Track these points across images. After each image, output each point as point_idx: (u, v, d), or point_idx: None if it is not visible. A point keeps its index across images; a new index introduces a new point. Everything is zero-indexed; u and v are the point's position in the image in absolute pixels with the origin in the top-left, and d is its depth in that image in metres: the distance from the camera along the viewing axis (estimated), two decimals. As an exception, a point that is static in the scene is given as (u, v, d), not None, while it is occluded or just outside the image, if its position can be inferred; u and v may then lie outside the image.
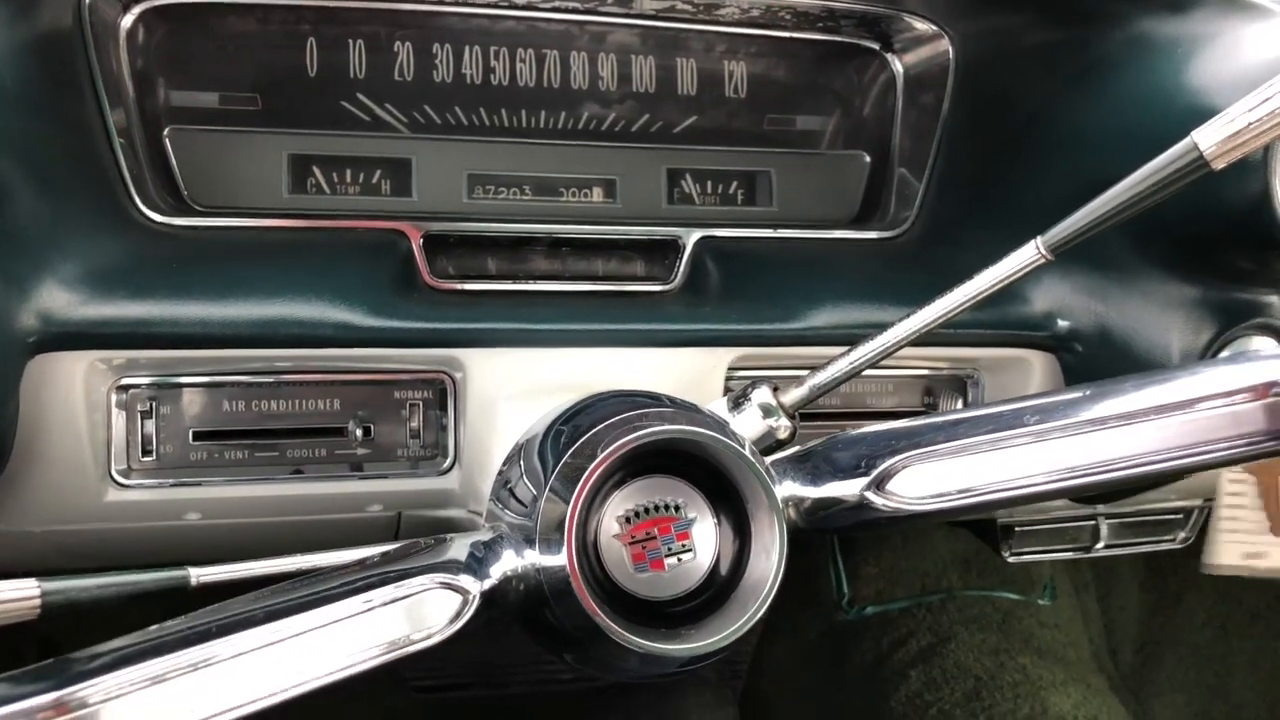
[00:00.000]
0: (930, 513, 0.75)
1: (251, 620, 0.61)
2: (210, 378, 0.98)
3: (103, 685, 0.57)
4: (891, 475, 0.74)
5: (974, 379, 1.16)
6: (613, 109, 1.18)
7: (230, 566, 0.73)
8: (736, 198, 1.19)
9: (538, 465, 0.79)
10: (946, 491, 0.74)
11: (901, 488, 0.74)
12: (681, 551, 0.75)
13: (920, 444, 0.75)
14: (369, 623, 0.65)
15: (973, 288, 0.84)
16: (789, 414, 0.88)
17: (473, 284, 1.02)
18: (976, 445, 0.74)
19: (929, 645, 1.64)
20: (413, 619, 0.67)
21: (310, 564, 0.75)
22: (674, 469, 0.77)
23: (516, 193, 1.12)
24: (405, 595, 0.67)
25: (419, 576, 0.68)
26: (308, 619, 0.63)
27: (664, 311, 1.03)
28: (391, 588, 0.66)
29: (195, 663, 0.59)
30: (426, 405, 1.03)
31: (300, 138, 1.08)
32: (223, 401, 0.99)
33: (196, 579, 0.72)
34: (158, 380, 0.97)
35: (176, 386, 0.98)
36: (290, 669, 0.61)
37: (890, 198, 1.20)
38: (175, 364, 0.96)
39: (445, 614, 0.68)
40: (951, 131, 1.17)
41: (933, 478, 0.74)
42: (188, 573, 0.72)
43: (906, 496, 0.74)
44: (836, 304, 1.06)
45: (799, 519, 0.78)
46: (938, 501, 0.74)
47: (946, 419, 0.78)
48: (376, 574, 0.68)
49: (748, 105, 1.22)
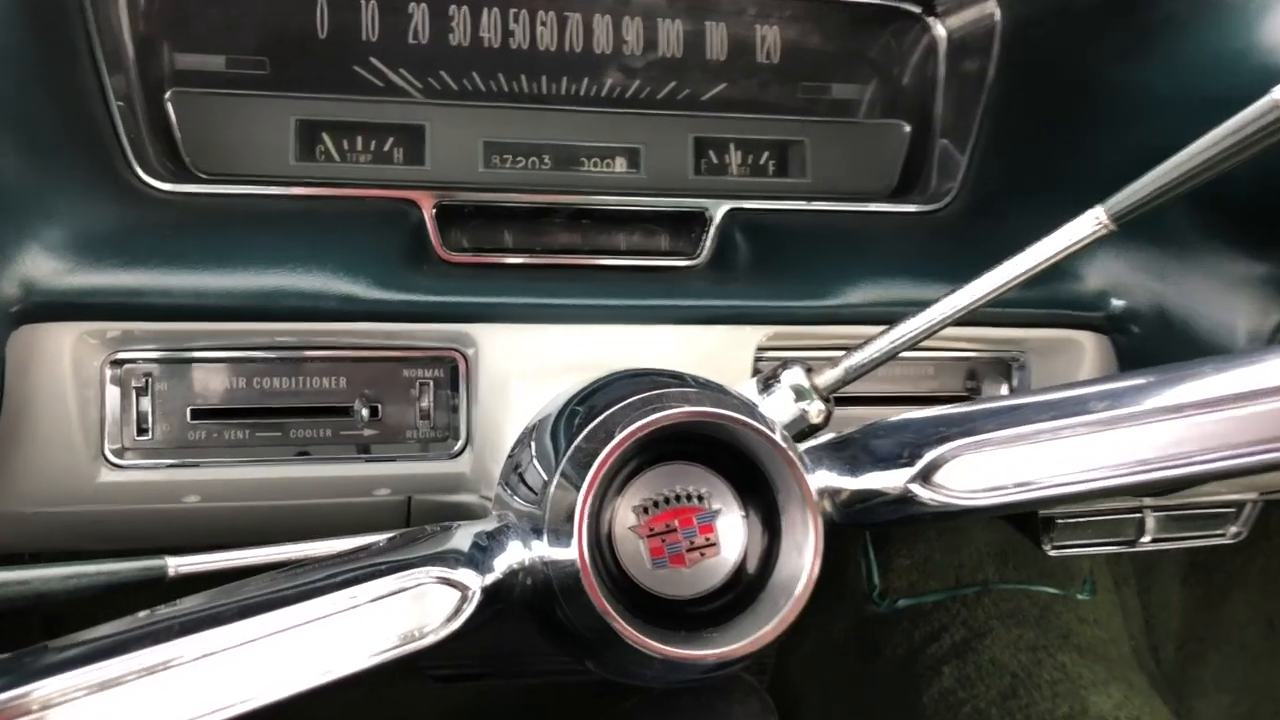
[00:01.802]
0: (984, 508, 0.66)
1: (218, 618, 0.54)
2: (209, 353, 0.92)
3: (48, 689, 0.50)
4: (940, 466, 0.66)
5: (1020, 362, 1.07)
6: (638, 75, 1.11)
7: (211, 556, 0.65)
8: (768, 168, 1.12)
9: (549, 448, 0.72)
10: (1002, 485, 0.66)
11: (951, 480, 0.66)
12: (705, 546, 0.67)
13: (972, 431, 0.67)
14: (353, 622, 0.58)
15: (1025, 261, 0.76)
16: (823, 397, 0.81)
17: (487, 257, 0.95)
18: (1037, 433, 0.65)
19: (963, 640, 1.56)
20: (404, 617, 0.59)
21: (300, 554, 0.67)
22: (697, 455, 0.69)
23: (535, 162, 1.06)
24: (395, 591, 0.59)
25: (412, 570, 0.60)
26: (282, 617, 0.55)
27: (689, 287, 0.96)
28: (381, 582, 0.59)
29: (149, 666, 0.51)
30: (437, 384, 0.96)
31: (309, 102, 1.02)
32: (222, 378, 0.93)
33: (175, 569, 0.64)
34: (153, 355, 0.90)
35: (173, 362, 0.92)
36: (256, 676, 0.54)
37: (931, 169, 1.12)
38: (172, 337, 0.90)
39: (441, 612, 0.60)
40: (997, 99, 1.09)
41: (987, 469, 0.66)
42: (165, 563, 0.64)
43: (957, 490, 0.66)
44: (873, 280, 0.98)
45: (834, 512, 0.70)
46: (992, 496, 0.66)
47: (1001, 404, 0.69)
48: (365, 567, 0.60)
49: (780, 72, 1.14)
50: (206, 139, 0.99)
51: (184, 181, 0.93)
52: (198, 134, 0.98)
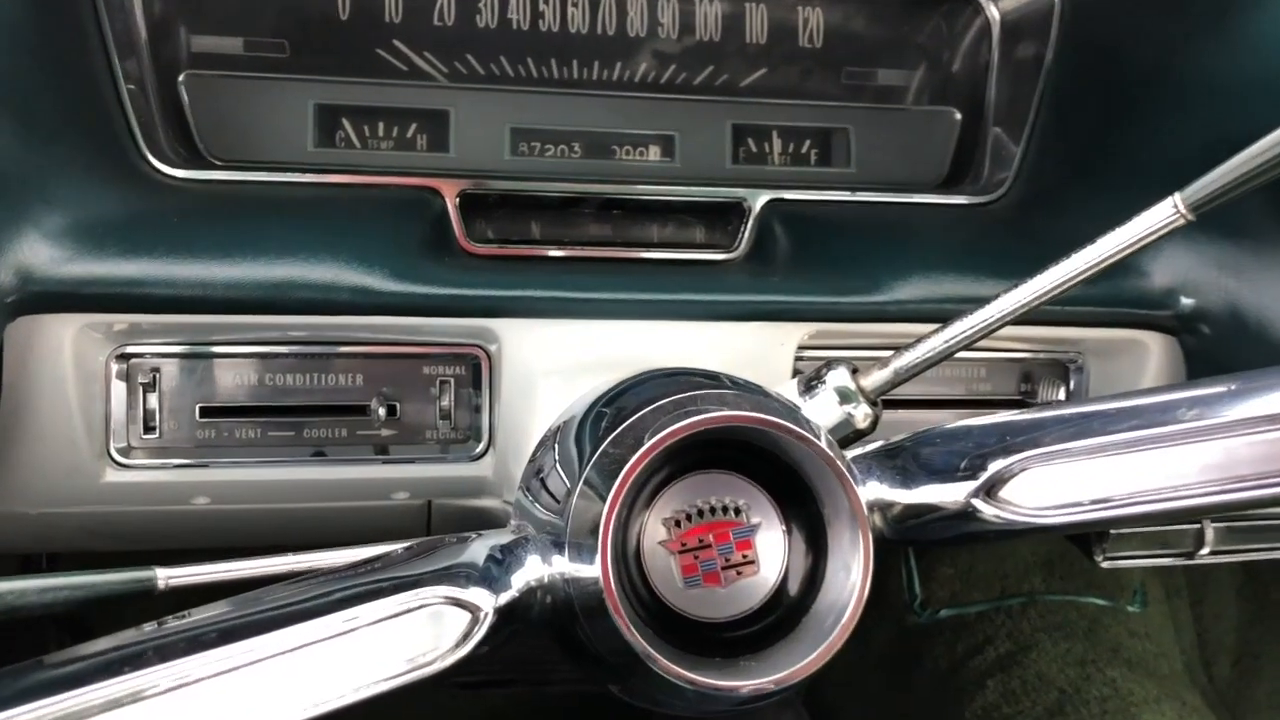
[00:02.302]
0: (1054, 527, 0.59)
1: (198, 642, 0.48)
2: (219, 347, 0.88)
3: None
4: (1005, 479, 0.59)
5: (1078, 363, 1.01)
6: (673, 59, 1.05)
7: (205, 567, 0.60)
8: (809, 157, 1.06)
9: (573, 453, 0.66)
10: (1077, 502, 0.59)
11: (1019, 495, 0.59)
12: (742, 564, 0.61)
13: (1041, 441, 0.60)
14: (353, 646, 0.52)
15: (1093, 254, 0.70)
16: (870, 400, 0.75)
17: (513, 249, 0.90)
18: (1116, 445, 0.58)
19: (1008, 653, 1.49)
20: (410, 641, 0.53)
21: (302, 564, 0.62)
22: (734, 464, 0.62)
23: (564, 150, 1.01)
24: (400, 612, 0.53)
25: (419, 589, 0.54)
26: (271, 642, 0.49)
27: (726, 281, 0.91)
28: (384, 603, 0.53)
29: (116, 699, 0.45)
30: (458, 382, 0.91)
31: (329, 86, 0.97)
32: (233, 374, 0.88)
33: (165, 581, 0.59)
34: (161, 349, 0.85)
35: (182, 357, 0.87)
36: (238, 708, 0.47)
37: (984, 159, 1.06)
38: (181, 331, 0.85)
39: (451, 634, 0.54)
40: (1056, 85, 1.02)
41: (1059, 484, 0.59)
42: (154, 574, 0.59)
43: (1025, 506, 0.59)
44: (922, 276, 0.92)
45: (885, 527, 0.63)
46: (1065, 514, 0.59)
47: (1073, 411, 0.62)
48: (367, 585, 0.54)
49: (823, 57, 1.08)
50: (221, 124, 0.94)
51: (196, 167, 0.89)
52: (212, 118, 0.94)
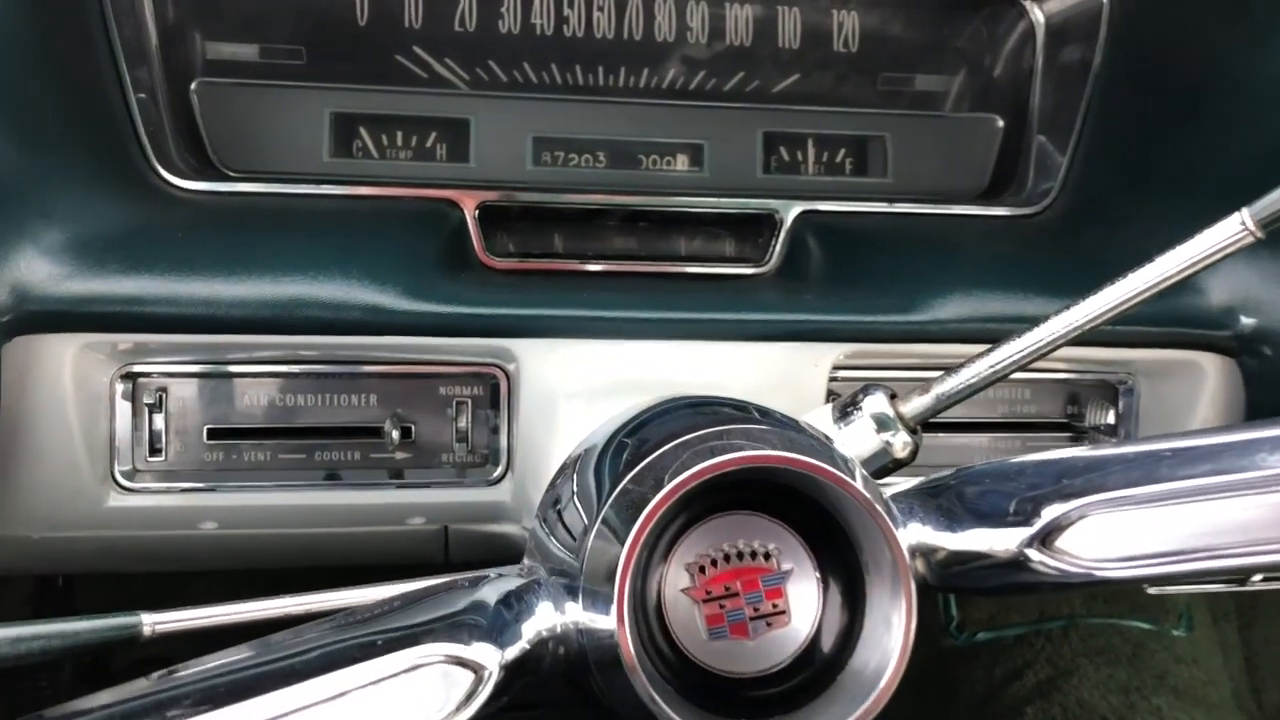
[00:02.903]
0: (1119, 580, 0.53)
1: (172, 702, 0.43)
2: (227, 367, 0.84)
3: None
4: (1064, 527, 0.53)
5: (1128, 385, 0.94)
6: (703, 65, 1.01)
7: (192, 613, 0.55)
8: (844, 167, 1.01)
9: (591, 486, 0.60)
10: (1146, 554, 0.52)
11: (1077, 545, 0.53)
12: (772, 614, 0.56)
13: (1105, 485, 0.54)
14: (344, 714, 0.46)
15: (1154, 273, 0.65)
16: (909, 427, 0.70)
17: (534, 263, 0.86)
18: (1189, 492, 0.52)
19: (1048, 679, 1.42)
20: (407, 707, 0.48)
21: (294, 608, 0.57)
22: (764, 504, 0.57)
23: (589, 159, 0.97)
24: (396, 673, 0.48)
25: (417, 647, 0.49)
26: (254, 709, 0.44)
27: (757, 298, 0.86)
28: (379, 663, 0.48)
29: None
30: (476, 403, 0.86)
31: (345, 94, 0.94)
32: (241, 394, 0.85)
33: (151, 628, 0.54)
34: (168, 369, 0.81)
35: (188, 376, 0.83)
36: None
37: (1027, 168, 1.01)
38: (187, 350, 0.81)
39: (453, 696, 0.49)
40: (1104, 90, 0.97)
41: (1125, 534, 0.53)
42: (140, 621, 0.54)
43: (1084, 558, 0.53)
44: (964, 292, 0.87)
45: (928, 573, 0.58)
46: (1131, 567, 0.53)
47: (1139, 450, 0.56)
48: (361, 641, 0.49)
49: (859, 62, 1.03)
50: (233, 134, 0.91)
51: (207, 179, 0.85)
52: (224, 128, 0.90)
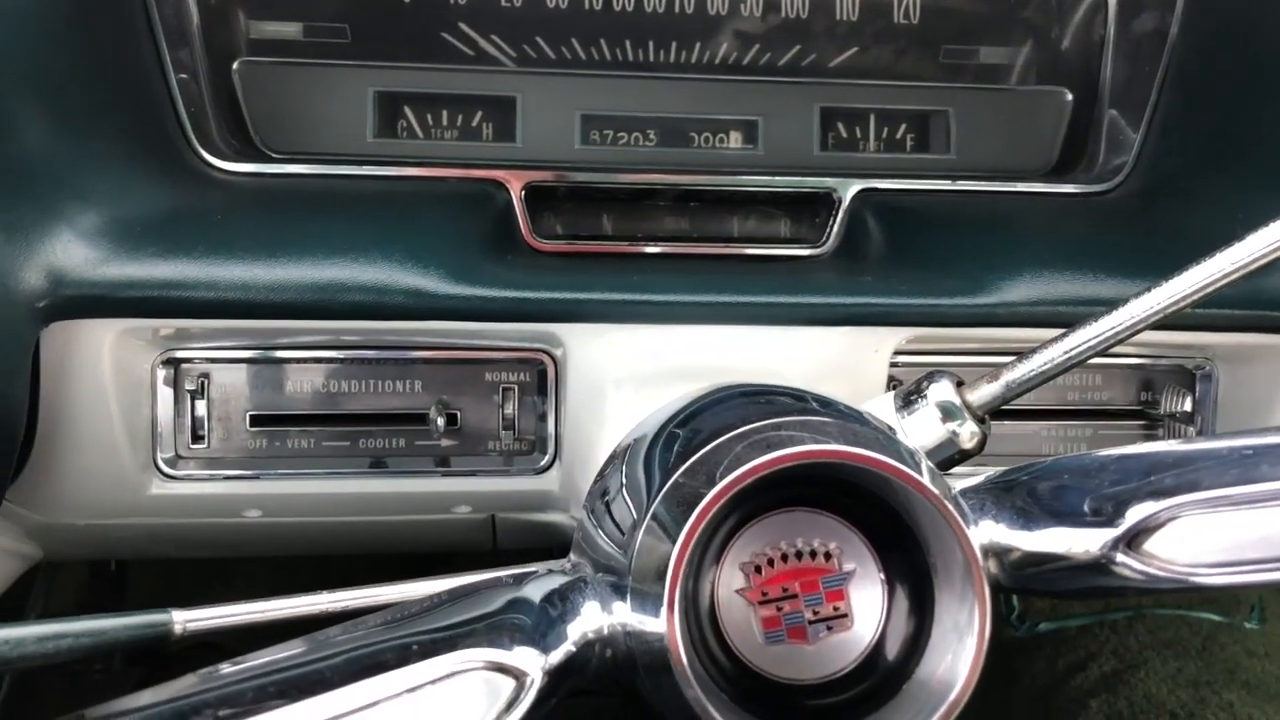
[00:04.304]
0: (1215, 587, 0.48)
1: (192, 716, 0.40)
2: (269, 351, 0.81)
3: None
4: (1153, 529, 0.48)
5: (1206, 370, 0.89)
6: (757, 39, 0.96)
7: (223, 610, 0.52)
8: (905, 143, 0.96)
9: (641, 479, 0.57)
10: (1249, 560, 0.47)
11: (1169, 548, 0.48)
12: (833, 617, 0.52)
13: (1200, 484, 0.49)
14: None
15: (1241, 254, 0.60)
16: (977, 417, 0.65)
17: (582, 245, 0.83)
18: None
19: (1113, 671, 1.36)
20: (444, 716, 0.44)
21: (329, 605, 0.54)
22: (823, 500, 0.53)
23: (639, 138, 0.92)
24: (433, 680, 0.44)
25: (455, 653, 0.45)
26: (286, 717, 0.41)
27: (814, 281, 0.82)
28: (414, 670, 0.44)
29: None
30: (522, 389, 0.83)
31: (390, 72, 0.90)
32: (284, 380, 0.82)
33: (182, 626, 0.51)
34: (211, 354, 0.78)
35: (231, 361, 0.81)
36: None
37: (1098, 143, 0.95)
38: (229, 334, 0.79)
39: (493, 707, 0.46)
40: (1181, 61, 0.91)
41: (1224, 537, 0.48)
42: (170, 618, 0.51)
43: (1177, 563, 0.48)
44: (1032, 274, 0.82)
45: (1000, 574, 0.53)
46: (1230, 573, 0.48)
47: (1235, 444, 0.51)
48: (395, 642, 0.46)
49: (920, 34, 0.98)
50: (276, 114, 0.88)
51: (249, 160, 0.82)
52: (266, 108, 0.87)
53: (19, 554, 0.88)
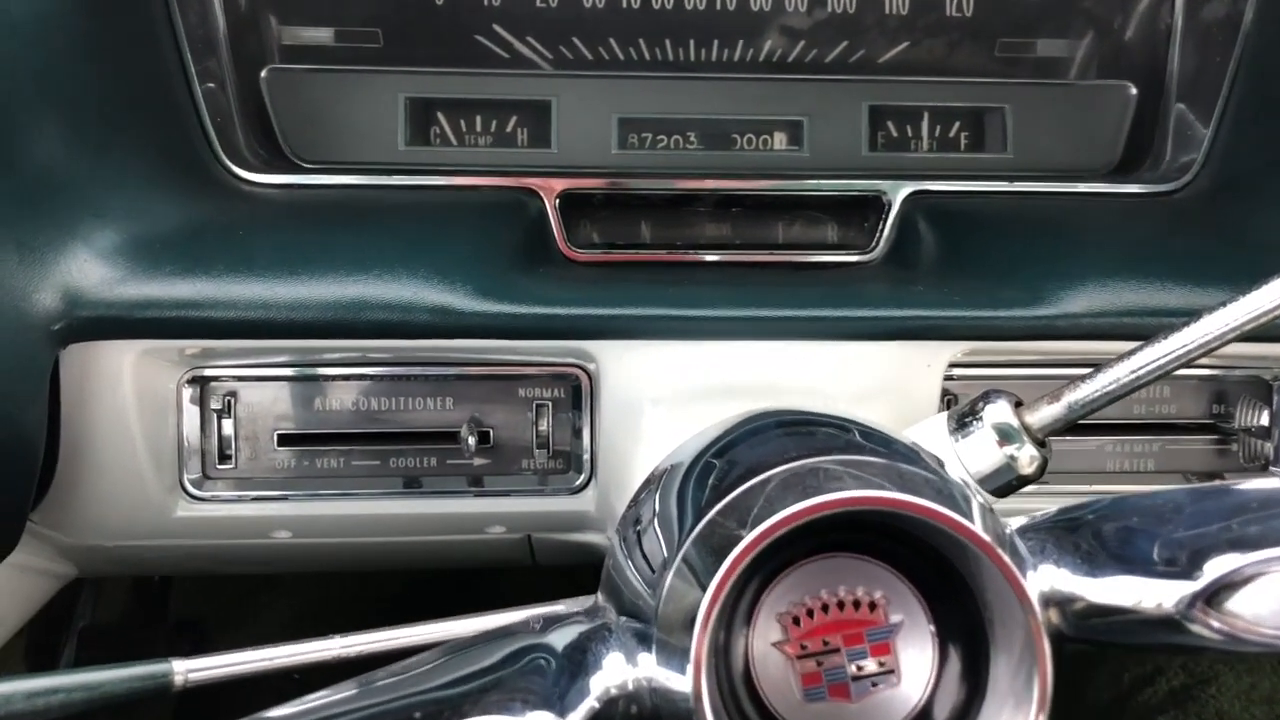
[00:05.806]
0: None
1: None
2: (296, 369, 0.78)
3: None
4: (1237, 584, 0.42)
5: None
6: (802, 36, 0.91)
7: (224, 659, 0.49)
8: (959, 142, 0.91)
9: (674, 512, 0.52)
10: None
11: (1254, 608, 0.42)
12: (878, 673, 0.47)
13: None
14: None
15: None
16: (1037, 440, 0.61)
17: (619, 254, 0.80)
18: None
19: (1182, 687, 1.30)
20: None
21: (328, 653, 0.50)
22: (868, 545, 0.48)
23: (679, 141, 0.88)
24: None
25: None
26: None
27: (863, 290, 0.78)
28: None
29: None
30: (557, 406, 0.80)
31: (421, 78, 0.87)
32: (312, 398, 0.79)
33: (183, 677, 0.48)
34: (237, 372, 0.76)
35: (258, 379, 0.78)
36: None
37: (1165, 140, 0.90)
38: (255, 353, 0.76)
39: None
40: (1255, 51, 0.85)
41: None
42: (170, 669, 0.48)
43: (1265, 628, 0.42)
44: (1096, 282, 0.77)
45: (1063, 624, 0.48)
46: None
47: None
48: (400, 705, 0.42)
49: (974, 27, 0.93)
50: (304, 123, 0.85)
51: (278, 170, 0.80)
52: (295, 117, 0.85)
53: (53, 573, 0.86)
